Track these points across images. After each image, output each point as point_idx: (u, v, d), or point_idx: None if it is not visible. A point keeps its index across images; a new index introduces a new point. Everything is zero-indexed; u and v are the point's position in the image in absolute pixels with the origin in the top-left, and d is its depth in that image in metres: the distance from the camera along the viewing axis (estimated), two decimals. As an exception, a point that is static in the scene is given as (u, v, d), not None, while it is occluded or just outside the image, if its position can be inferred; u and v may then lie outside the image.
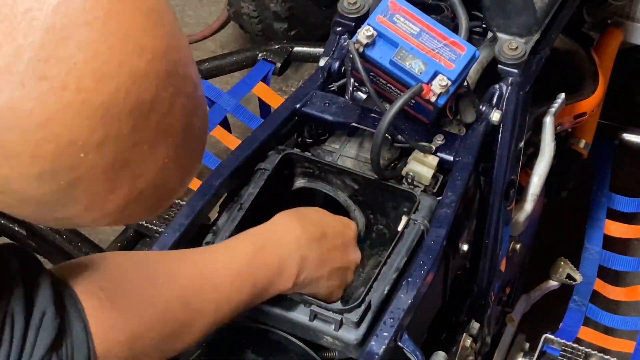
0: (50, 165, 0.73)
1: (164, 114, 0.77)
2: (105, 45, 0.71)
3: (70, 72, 0.70)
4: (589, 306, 2.11)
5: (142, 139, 0.77)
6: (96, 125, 0.72)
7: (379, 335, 1.27)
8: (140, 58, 0.74)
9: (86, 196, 0.77)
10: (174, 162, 0.82)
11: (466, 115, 1.53)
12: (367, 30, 1.40)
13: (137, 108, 0.74)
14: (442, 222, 1.39)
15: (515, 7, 1.54)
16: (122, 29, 0.73)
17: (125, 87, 0.73)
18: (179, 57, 0.78)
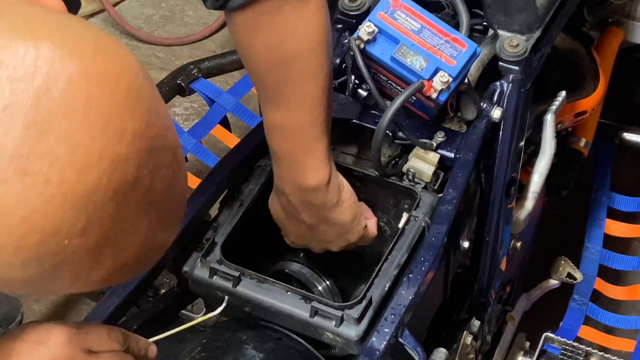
0: (34, 253, 0.73)
1: (146, 190, 0.77)
2: (85, 135, 0.71)
3: (52, 166, 0.70)
4: (589, 305, 2.11)
5: (125, 217, 0.77)
6: (79, 213, 0.72)
7: (380, 331, 1.27)
8: (121, 143, 0.73)
9: (70, 275, 0.77)
10: (157, 227, 0.81)
11: (467, 112, 1.53)
12: (368, 26, 1.40)
13: (120, 190, 0.74)
14: (443, 219, 1.39)
15: (516, 4, 1.53)
16: (101, 117, 0.72)
17: (107, 174, 0.73)
18: (158, 131, 0.78)
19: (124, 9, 3.38)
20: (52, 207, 0.71)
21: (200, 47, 3.23)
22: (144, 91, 0.77)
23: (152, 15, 3.37)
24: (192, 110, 2.93)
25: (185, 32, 3.28)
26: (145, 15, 3.37)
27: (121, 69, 0.75)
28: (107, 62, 0.74)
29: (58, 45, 0.72)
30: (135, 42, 3.26)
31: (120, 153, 0.73)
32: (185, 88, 2.28)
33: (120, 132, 0.73)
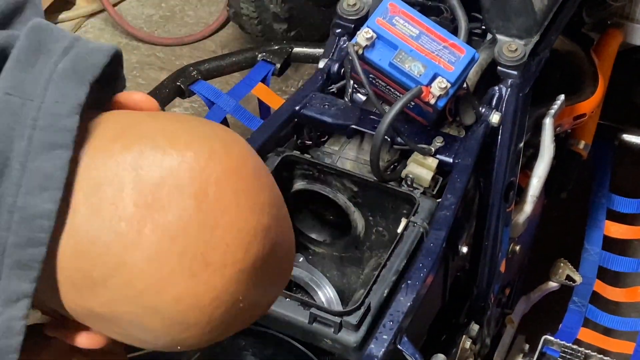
0: (218, 322, 0.84)
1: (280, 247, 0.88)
2: (242, 219, 0.83)
3: (225, 252, 0.81)
4: (588, 307, 2.11)
5: (276, 269, 0.89)
6: (249, 281, 0.84)
7: (379, 338, 1.27)
8: (263, 215, 0.85)
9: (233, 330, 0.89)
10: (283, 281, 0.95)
11: (465, 117, 1.53)
12: (367, 32, 1.39)
13: (269, 253, 0.86)
14: (442, 225, 1.39)
15: (515, 9, 1.53)
16: (247, 200, 0.84)
17: (261, 244, 0.84)
18: (276, 192, 0.90)
19: (124, 9, 3.38)
20: (231, 284, 0.82)
21: (200, 47, 3.24)
22: (259, 162, 0.89)
23: (152, 15, 3.37)
24: (192, 110, 2.93)
25: (185, 32, 3.29)
26: (145, 15, 3.37)
27: (245, 154, 0.87)
28: (234, 152, 0.85)
29: (198, 152, 0.82)
30: (135, 42, 3.26)
31: (266, 223, 0.85)
32: (185, 90, 2.28)
33: (260, 206, 0.85)
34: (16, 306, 0.79)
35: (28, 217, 0.78)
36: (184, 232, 0.80)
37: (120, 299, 0.81)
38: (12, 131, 0.78)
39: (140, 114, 0.88)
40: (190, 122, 0.87)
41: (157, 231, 0.79)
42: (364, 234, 1.47)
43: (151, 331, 0.84)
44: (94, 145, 0.82)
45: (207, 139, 0.84)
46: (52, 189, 0.78)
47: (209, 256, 0.80)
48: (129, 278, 0.80)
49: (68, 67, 0.81)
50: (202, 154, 0.82)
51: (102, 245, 0.79)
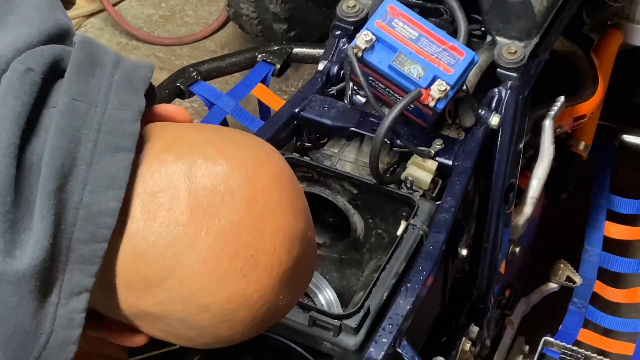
0: (260, 321, 0.90)
1: (313, 239, 0.96)
2: (286, 224, 0.89)
3: (273, 255, 0.87)
4: (588, 308, 2.11)
5: (307, 267, 0.95)
6: (290, 282, 0.90)
7: (378, 341, 1.27)
8: (301, 220, 0.92)
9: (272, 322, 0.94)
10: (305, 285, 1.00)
11: (465, 120, 1.53)
12: (366, 35, 1.39)
13: (306, 255, 0.92)
14: (441, 227, 1.39)
15: (514, 11, 1.53)
16: (290, 206, 0.90)
17: (301, 247, 0.91)
18: (307, 205, 0.95)
19: (124, 9, 3.38)
20: (276, 284, 0.88)
21: (200, 47, 3.23)
22: (292, 171, 0.94)
23: (152, 15, 3.37)
24: (192, 110, 2.93)
25: (185, 32, 3.28)
26: (145, 15, 3.37)
27: (283, 163, 0.93)
28: (275, 161, 0.91)
29: (246, 161, 0.88)
30: (135, 42, 3.26)
31: (304, 228, 0.92)
32: (185, 91, 2.28)
33: (299, 211, 0.91)
34: (77, 299, 0.84)
35: (93, 214, 0.83)
36: (237, 235, 0.85)
37: (174, 298, 0.86)
38: (79, 134, 0.83)
39: (183, 125, 0.94)
40: (232, 133, 0.93)
41: (212, 235, 0.84)
42: (363, 236, 1.47)
43: (199, 328, 0.89)
44: (147, 154, 0.87)
45: (252, 148, 0.90)
46: (115, 189, 0.83)
47: (258, 258, 0.87)
48: (184, 279, 0.85)
49: (124, 78, 0.88)
50: (250, 163, 0.88)
51: (160, 248, 0.84)
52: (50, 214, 0.81)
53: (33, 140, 0.83)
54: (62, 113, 0.83)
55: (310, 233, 0.94)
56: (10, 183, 0.81)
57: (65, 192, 0.82)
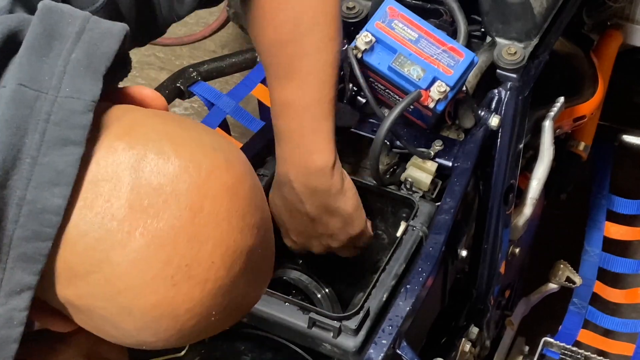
0: (189, 332, 0.86)
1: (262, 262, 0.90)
2: (231, 239, 0.83)
3: (210, 269, 0.82)
4: (588, 309, 2.11)
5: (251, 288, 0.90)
6: (225, 297, 0.85)
7: (378, 342, 1.27)
8: (251, 236, 0.86)
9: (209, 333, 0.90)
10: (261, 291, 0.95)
11: (465, 121, 1.53)
12: (366, 36, 1.40)
13: (250, 272, 0.87)
14: (441, 228, 1.39)
15: (514, 12, 1.53)
16: (239, 220, 0.84)
17: (244, 264, 0.85)
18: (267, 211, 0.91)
19: (124, 9, 3.38)
20: (209, 298, 0.83)
21: (200, 47, 3.23)
22: (256, 181, 0.89)
23: (152, 15, 3.37)
24: (192, 110, 2.93)
25: (185, 32, 3.28)
26: (145, 15, 3.37)
27: (244, 173, 0.87)
28: (235, 170, 0.86)
29: (201, 165, 0.83)
30: (135, 42, 3.25)
31: (252, 245, 0.86)
32: (185, 91, 2.28)
33: (250, 228, 0.86)
34: (19, 297, 0.80)
35: (37, 211, 0.78)
36: (174, 241, 0.80)
37: (97, 294, 0.82)
38: (26, 124, 0.78)
39: (149, 112, 0.88)
40: (197, 130, 0.87)
41: (147, 236, 0.80)
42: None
43: (122, 330, 0.85)
44: (99, 140, 0.82)
45: (212, 151, 0.85)
46: (62, 185, 0.79)
47: (193, 269, 0.81)
48: (110, 276, 0.80)
49: (81, 58, 0.81)
50: (205, 168, 0.83)
51: (90, 240, 0.80)
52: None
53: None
54: (8, 102, 0.78)
55: (262, 250, 0.89)
56: None
57: (8, 188, 0.78)
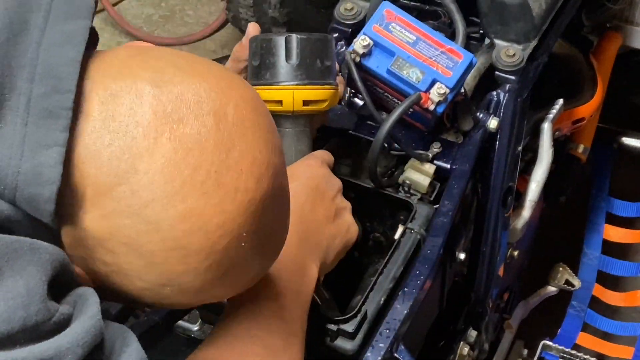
0: (220, 257, 0.83)
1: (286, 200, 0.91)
2: (257, 149, 0.84)
3: (239, 177, 0.82)
4: (587, 312, 2.11)
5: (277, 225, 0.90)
6: (255, 217, 0.84)
7: (375, 346, 1.26)
8: (276, 155, 0.87)
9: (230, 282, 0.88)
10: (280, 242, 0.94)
11: (463, 123, 1.52)
12: (363, 39, 1.39)
13: (277, 196, 0.87)
14: (439, 231, 1.38)
15: (513, 13, 1.53)
16: (263, 133, 0.85)
17: (272, 181, 0.85)
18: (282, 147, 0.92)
19: (124, 9, 3.38)
20: (240, 213, 0.82)
21: (200, 47, 3.23)
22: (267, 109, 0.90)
23: (152, 15, 3.37)
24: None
25: (185, 32, 3.28)
26: (145, 15, 3.37)
27: (254, 92, 0.89)
28: (251, 90, 0.88)
29: (219, 78, 0.84)
30: (134, 43, 3.25)
31: (277, 164, 0.87)
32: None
33: (273, 145, 0.86)
34: (46, 153, 0.78)
35: (51, 66, 0.79)
36: (201, 146, 0.80)
37: (123, 210, 0.80)
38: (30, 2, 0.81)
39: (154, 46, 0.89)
40: (205, 58, 0.88)
41: (174, 141, 0.79)
42: (361, 240, 1.46)
43: (147, 255, 0.82)
44: (109, 57, 0.83)
45: (227, 71, 0.87)
46: (74, 43, 0.80)
47: (222, 176, 0.81)
48: (137, 187, 0.79)
49: None
50: (223, 81, 0.84)
51: (115, 149, 0.79)
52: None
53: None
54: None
55: (282, 178, 0.88)
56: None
57: (18, 50, 0.78)
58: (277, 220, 0.90)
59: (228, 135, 0.81)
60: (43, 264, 0.78)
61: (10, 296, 0.75)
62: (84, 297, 0.82)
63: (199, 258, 0.82)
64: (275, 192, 0.86)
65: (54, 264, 0.79)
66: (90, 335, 0.79)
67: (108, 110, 0.79)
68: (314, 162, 1.30)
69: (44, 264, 0.78)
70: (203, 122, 0.80)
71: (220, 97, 0.82)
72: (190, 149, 0.79)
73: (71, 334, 0.78)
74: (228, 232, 0.82)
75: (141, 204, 0.79)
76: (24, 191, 0.78)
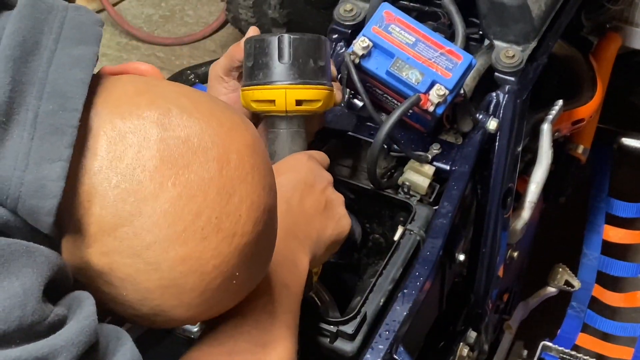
0: (211, 294, 0.86)
1: (275, 231, 0.94)
2: (255, 194, 0.86)
3: (237, 222, 0.84)
4: (587, 312, 2.11)
5: (265, 256, 0.93)
6: (250, 257, 0.87)
7: (375, 347, 1.26)
8: (270, 195, 0.89)
9: (218, 310, 0.92)
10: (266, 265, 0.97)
11: (463, 124, 1.52)
12: (363, 41, 1.39)
13: (269, 234, 0.91)
14: (439, 233, 1.38)
15: (512, 15, 1.53)
16: (261, 177, 0.88)
17: (266, 223, 0.88)
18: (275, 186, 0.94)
19: (124, 9, 3.38)
20: (235, 255, 0.85)
21: (200, 46, 3.23)
22: (265, 147, 0.94)
23: (152, 15, 3.37)
24: (191, 111, 2.92)
25: (185, 32, 3.28)
26: (145, 15, 3.37)
27: (255, 131, 0.91)
28: (251, 129, 0.90)
29: (222, 120, 0.86)
30: (135, 42, 3.25)
31: (271, 204, 0.89)
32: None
33: (268, 186, 0.89)
34: (50, 167, 0.80)
35: (61, 85, 0.81)
36: (204, 192, 0.82)
37: (125, 250, 0.82)
38: (41, 25, 0.83)
39: (156, 78, 0.91)
40: (206, 94, 0.91)
41: (179, 187, 0.81)
42: (360, 241, 1.46)
43: (143, 291, 0.84)
44: (116, 91, 0.85)
45: (228, 110, 0.89)
46: (82, 67, 0.82)
47: (222, 222, 0.83)
48: (140, 229, 0.81)
49: None
50: (226, 124, 0.86)
51: (122, 192, 0.81)
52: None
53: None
54: (24, 6, 0.83)
55: (274, 216, 0.91)
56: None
57: (29, 69, 0.81)
58: (266, 250, 0.93)
59: (230, 182, 0.84)
60: (39, 266, 0.79)
61: (6, 296, 0.76)
62: (79, 299, 0.84)
63: (193, 295, 0.85)
64: (267, 230, 0.89)
65: (50, 266, 0.81)
66: (84, 335, 0.81)
67: (116, 151, 0.81)
68: (301, 156, 1.30)
69: (40, 266, 0.79)
70: (207, 169, 0.83)
71: (224, 142, 0.85)
72: (194, 196, 0.82)
73: (66, 333, 0.80)
74: (222, 273, 0.85)
75: (143, 246, 0.82)
76: (26, 202, 0.80)
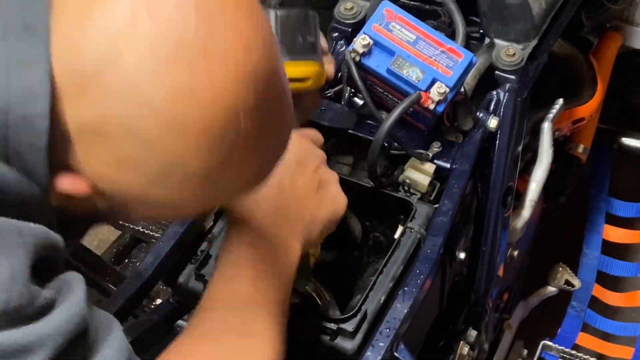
0: (218, 135, 0.81)
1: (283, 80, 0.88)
2: (243, 23, 0.82)
3: (226, 48, 0.80)
4: (587, 312, 2.10)
5: (276, 115, 0.88)
6: (250, 91, 0.82)
7: (375, 345, 1.26)
8: (265, 32, 0.85)
9: (235, 170, 0.86)
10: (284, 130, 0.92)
11: (463, 122, 1.52)
12: (363, 39, 1.39)
13: (270, 75, 0.85)
14: (439, 231, 1.38)
15: (513, 13, 1.53)
16: (247, 9, 0.84)
17: (262, 57, 0.83)
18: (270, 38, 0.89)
19: None
20: (232, 86, 0.80)
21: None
22: None
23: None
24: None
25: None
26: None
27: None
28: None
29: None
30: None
31: (266, 40, 0.84)
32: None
33: (258, 18, 0.84)
34: (30, 69, 0.78)
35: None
36: (183, 20, 0.79)
37: (114, 96, 0.79)
38: None
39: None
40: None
41: (154, 17, 0.78)
42: (361, 239, 1.46)
43: (142, 139, 0.80)
44: None
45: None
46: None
47: (208, 47, 0.80)
48: (124, 69, 0.78)
49: None
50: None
51: (95, 34, 0.78)
52: None
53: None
54: None
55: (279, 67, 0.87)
56: None
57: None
58: (274, 111, 0.88)
59: (209, 7, 0.81)
60: (27, 247, 0.78)
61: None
62: (69, 283, 0.82)
63: (197, 134, 0.81)
64: (268, 71, 0.85)
65: (39, 247, 0.79)
66: (72, 324, 0.79)
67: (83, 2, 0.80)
68: (292, 135, 1.28)
69: (28, 246, 0.78)
70: None
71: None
72: (171, 25, 0.78)
73: (53, 320, 0.78)
74: (222, 107, 0.81)
75: (130, 85, 0.78)
76: (17, 112, 0.78)
